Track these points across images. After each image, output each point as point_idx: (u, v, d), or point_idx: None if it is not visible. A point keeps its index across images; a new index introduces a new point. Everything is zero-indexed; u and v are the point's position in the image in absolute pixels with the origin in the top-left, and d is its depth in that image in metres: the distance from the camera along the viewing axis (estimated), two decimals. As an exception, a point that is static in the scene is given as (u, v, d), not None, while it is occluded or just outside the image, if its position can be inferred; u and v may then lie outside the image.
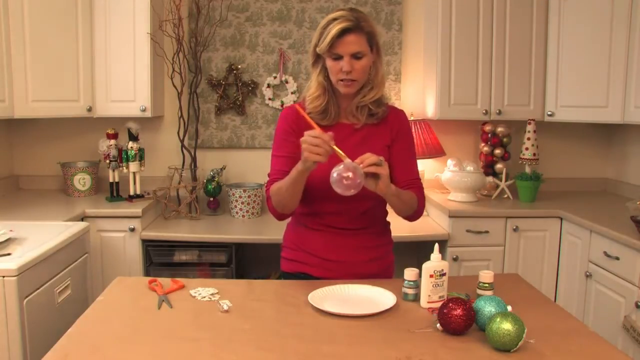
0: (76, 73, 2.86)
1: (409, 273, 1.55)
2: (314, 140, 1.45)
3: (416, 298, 1.53)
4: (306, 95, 1.73)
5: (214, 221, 2.98)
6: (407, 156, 1.76)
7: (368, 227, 1.74)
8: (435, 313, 1.40)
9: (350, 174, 1.43)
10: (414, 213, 1.73)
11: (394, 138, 1.74)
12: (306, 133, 1.47)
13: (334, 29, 1.58)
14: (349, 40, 1.59)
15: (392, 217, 1.83)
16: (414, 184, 1.74)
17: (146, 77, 2.92)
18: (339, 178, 1.43)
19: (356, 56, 1.61)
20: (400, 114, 1.80)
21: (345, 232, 1.71)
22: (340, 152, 1.47)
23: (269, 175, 1.74)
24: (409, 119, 3.11)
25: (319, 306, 1.46)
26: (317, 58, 1.69)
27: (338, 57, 1.61)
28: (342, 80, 1.63)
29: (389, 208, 1.77)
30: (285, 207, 1.66)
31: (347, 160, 1.45)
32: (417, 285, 1.53)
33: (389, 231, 1.85)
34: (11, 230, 2.07)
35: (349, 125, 1.72)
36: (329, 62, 1.64)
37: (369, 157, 1.47)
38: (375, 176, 1.48)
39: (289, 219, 1.83)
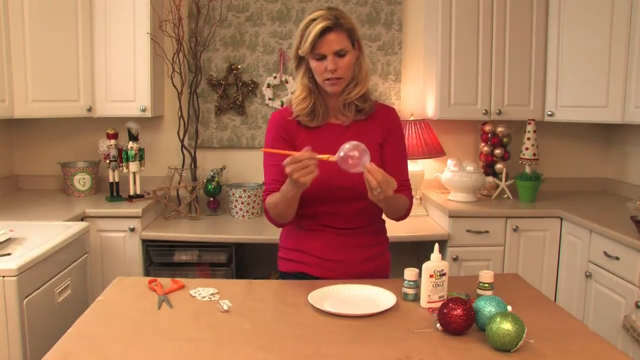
0: (76, 73, 2.86)
1: (409, 273, 1.55)
2: (300, 165, 1.44)
3: (416, 298, 1.53)
4: (292, 99, 1.73)
5: (214, 221, 2.98)
6: (399, 156, 1.77)
7: (364, 227, 1.75)
8: (435, 313, 1.40)
9: (356, 153, 1.46)
10: (401, 216, 1.76)
11: (386, 137, 1.75)
12: (285, 163, 1.45)
13: (315, 29, 1.58)
14: (330, 38, 1.59)
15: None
16: (404, 185, 1.75)
17: (146, 77, 2.92)
18: (345, 157, 1.46)
19: (339, 54, 1.62)
20: (390, 112, 1.80)
21: (341, 232, 1.72)
22: (325, 156, 1.47)
23: (264, 184, 1.75)
24: (409, 119, 3.16)
25: (319, 306, 1.46)
26: (300, 60, 1.69)
27: (321, 57, 1.62)
28: (328, 79, 1.64)
29: None
30: (284, 219, 1.68)
31: (356, 142, 1.47)
32: (417, 285, 1.53)
33: (385, 229, 1.85)
34: (11, 230, 2.07)
35: (338, 124, 1.73)
36: (313, 63, 1.64)
37: (377, 176, 1.44)
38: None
39: None
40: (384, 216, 1.83)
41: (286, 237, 1.82)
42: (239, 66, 3.21)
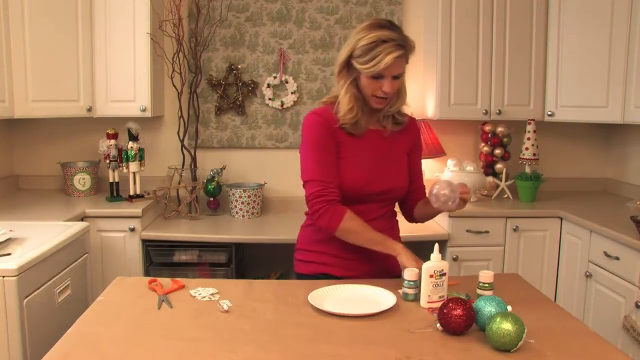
0: (76, 73, 2.86)
1: (409, 273, 1.55)
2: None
3: (416, 298, 1.53)
4: (339, 108, 1.69)
5: (214, 221, 2.98)
6: (419, 164, 1.90)
7: (383, 230, 1.72)
8: (435, 313, 1.40)
9: (447, 192, 1.58)
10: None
11: (412, 147, 1.83)
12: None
13: (389, 56, 1.56)
14: (396, 64, 1.60)
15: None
16: (423, 188, 1.89)
17: (146, 77, 2.92)
18: (437, 194, 1.59)
19: (396, 77, 1.63)
20: (415, 123, 1.89)
21: None
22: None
23: (309, 180, 1.67)
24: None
25: (319, 306, 1.46)
26: (349, 68, 1.67)
27: (379, 77, 1.61)
28: (377, 96, 1.65)
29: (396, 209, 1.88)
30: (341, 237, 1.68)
31: (448, 181, 1.63)
32: (417, 285, 1.54)
33: (398, 229, 1.90)
34: (11, 230, 2.07)
35: (378, 131, 1.77)
36: (367, 80, 1.63)
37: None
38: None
39: (303, 221, 1.86)
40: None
41: (305, 239, 1.82)
42: (239, 66, 3.21)
